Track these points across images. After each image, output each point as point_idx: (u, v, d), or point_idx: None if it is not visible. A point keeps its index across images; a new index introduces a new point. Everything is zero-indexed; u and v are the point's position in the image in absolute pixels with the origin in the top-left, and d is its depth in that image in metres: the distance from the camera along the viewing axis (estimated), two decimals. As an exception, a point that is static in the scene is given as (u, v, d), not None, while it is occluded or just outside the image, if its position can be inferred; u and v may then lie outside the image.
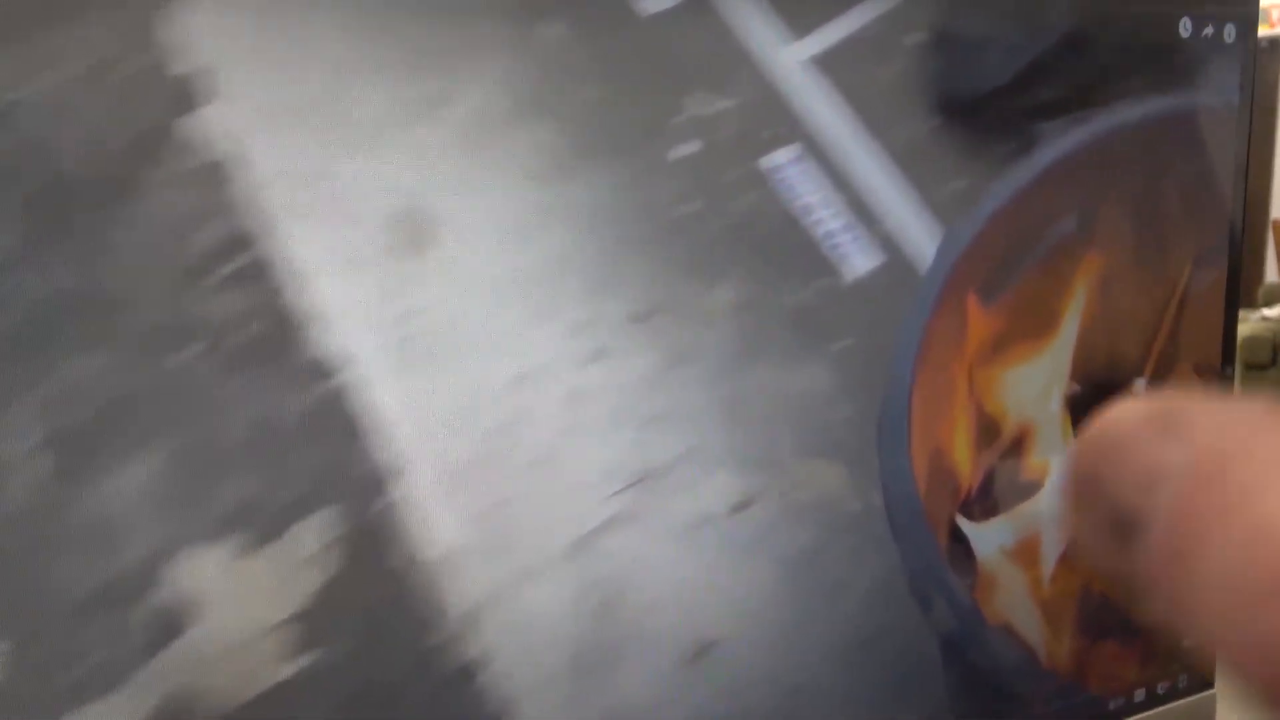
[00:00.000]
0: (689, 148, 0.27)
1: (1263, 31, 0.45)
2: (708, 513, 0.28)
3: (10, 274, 0.21)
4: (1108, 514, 0.13)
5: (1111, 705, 0.36)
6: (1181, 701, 0.38)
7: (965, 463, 0.32)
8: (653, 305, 0.27)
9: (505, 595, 0.26)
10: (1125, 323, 0.34)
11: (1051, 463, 0.33)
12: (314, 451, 0.24)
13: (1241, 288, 0.37)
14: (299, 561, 0.24)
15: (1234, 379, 0.38)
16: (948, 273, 0.30)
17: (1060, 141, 0.32)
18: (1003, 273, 0.31)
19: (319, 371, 0.24)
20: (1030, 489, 0.33)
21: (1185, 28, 0.34)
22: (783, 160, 0.28)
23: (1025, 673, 0.34)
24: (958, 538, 0.32)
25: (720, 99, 0.28)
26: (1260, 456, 0.10)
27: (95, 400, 0.22)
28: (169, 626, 0.22)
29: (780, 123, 0.28)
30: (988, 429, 0.32)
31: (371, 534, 0.24)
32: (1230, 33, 0.35)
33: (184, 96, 0.22)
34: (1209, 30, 0.34)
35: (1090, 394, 0.33)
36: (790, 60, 0.28)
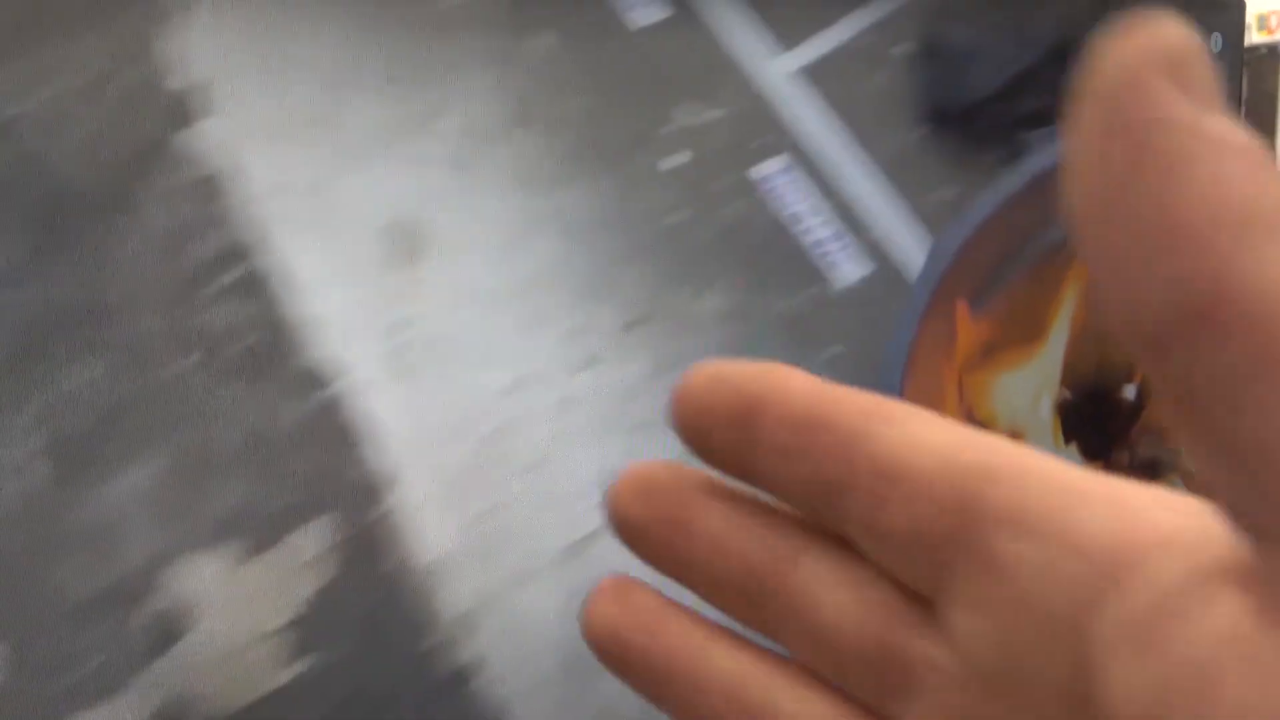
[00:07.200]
0: (679, 158, 0.28)
1: (1263, 39, 0.45)
2: (700, 518, 0.28)
3: (10, 284, 0.21)
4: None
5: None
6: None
7: (956, 468, 0.32)
8: (643, 313, 0.27)
9: (498, 600, 0.26)
10: (1115, 329, 0.34)
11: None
12: (310, 459, 0.24)
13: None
14: (295, 568, 0.24)
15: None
16: (937, 280, 0.31)
17: (1047, 150, 0.32)
18: (991, 280, 0.32)
19: (314, 380, 0.24)
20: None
21: (1172, 37, 0.34)
22: (772, 170, 0.29)
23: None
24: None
25: (710, 110, 0.28)
26: None
27: (94, 408, 0.22)
28: (167, 632, 0.23)
29: (769, 133, 0.29)
30: (978, 435, 0.32)
31: (367, 540, 0.25)
32: (1217, 41, 0.35)
33: (181, 111, 0.22)
34: (1196, 39, 0.35)
35: (1080, 400, 0.33)
36: (779, 71, 0.29)
